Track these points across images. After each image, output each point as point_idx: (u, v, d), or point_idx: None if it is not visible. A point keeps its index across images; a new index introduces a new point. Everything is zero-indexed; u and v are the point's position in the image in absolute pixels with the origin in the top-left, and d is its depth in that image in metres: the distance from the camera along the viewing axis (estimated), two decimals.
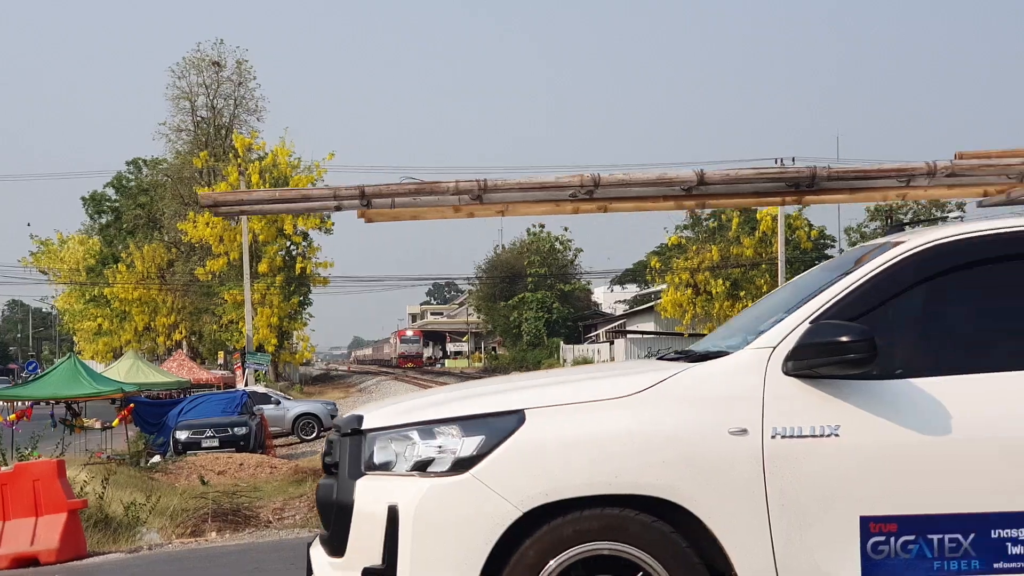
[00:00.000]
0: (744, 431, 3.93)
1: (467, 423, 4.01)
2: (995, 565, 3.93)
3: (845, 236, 53.29)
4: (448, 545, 3.87)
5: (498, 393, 4.31)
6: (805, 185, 5.52)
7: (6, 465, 13.05)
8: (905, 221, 32.36)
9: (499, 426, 3.97)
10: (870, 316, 4.11)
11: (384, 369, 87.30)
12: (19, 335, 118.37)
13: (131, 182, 62.45)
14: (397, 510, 3.90)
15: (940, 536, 3.93)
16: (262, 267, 45.91)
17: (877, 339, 3.91)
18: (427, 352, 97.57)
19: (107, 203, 64.30)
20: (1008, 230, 4.30)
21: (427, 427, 4.04)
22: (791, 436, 3.94)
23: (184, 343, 53.37)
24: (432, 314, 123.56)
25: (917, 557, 3.92)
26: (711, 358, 4.23)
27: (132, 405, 28.03)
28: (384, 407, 4.41)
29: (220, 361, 48.29)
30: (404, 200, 5.63)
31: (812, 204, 6.01)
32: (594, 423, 3.98)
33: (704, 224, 50.29)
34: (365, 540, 3.98)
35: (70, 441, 23.60)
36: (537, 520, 3.88)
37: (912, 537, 3.92)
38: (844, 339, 3.87)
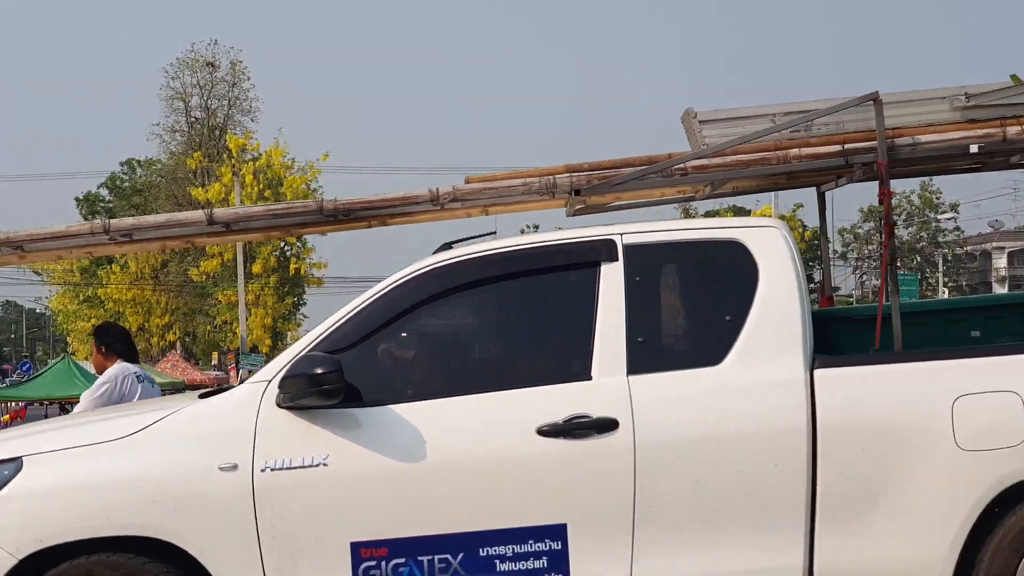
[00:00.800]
0: (235, 466, 3.95)
1: None
2: None
3: (839, 236, 53.43)
4: None
5: (2, 442, 4.31)
6: (331, 217, 5.62)
7: None
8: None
9: None
10: (366, 344, 4.13)
11: None
12: (13, 336, 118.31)
13: (125, 183, 62.39)
14: None
15: (430, 557, 3.94)
16: (256, 268, 45.81)
17: (373, 367, 4.04)
18: None
19: (101, 203, 64.18)
20: (470, 256, 4.27)
21: None
22: (281, 468, 3.95)
23: (178, 344, 53.32)
24: None
25: None
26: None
27: None
28: None
29: (214, 362, 48.28)
30: None
31: (344, 231, 6.25)
32: (88, 467, 4.00)
33: None
34: None
35: None
36: (47, 567, 3.91)
37: (403, 560, 3.94)
38: (318, 371, 3.88)
